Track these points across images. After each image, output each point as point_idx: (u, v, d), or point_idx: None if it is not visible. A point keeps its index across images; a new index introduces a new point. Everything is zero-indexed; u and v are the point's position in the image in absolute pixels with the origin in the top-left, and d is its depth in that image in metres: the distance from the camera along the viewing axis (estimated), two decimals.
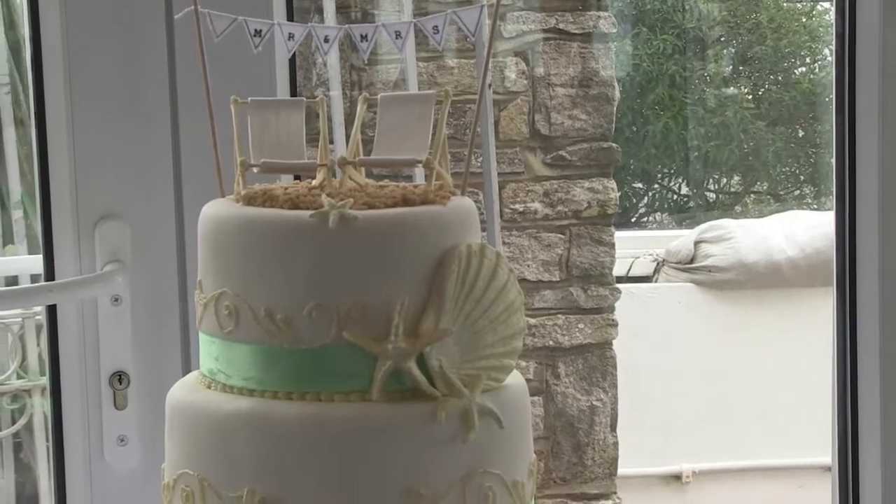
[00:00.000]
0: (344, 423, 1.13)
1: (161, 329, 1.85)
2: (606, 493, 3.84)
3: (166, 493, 1.21)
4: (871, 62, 2.08)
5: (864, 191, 2.14)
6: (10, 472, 2.98)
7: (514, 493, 1.19)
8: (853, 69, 2.10)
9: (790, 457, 4.26)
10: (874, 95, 2.08)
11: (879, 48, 2.05)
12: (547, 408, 3.79)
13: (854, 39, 2.08)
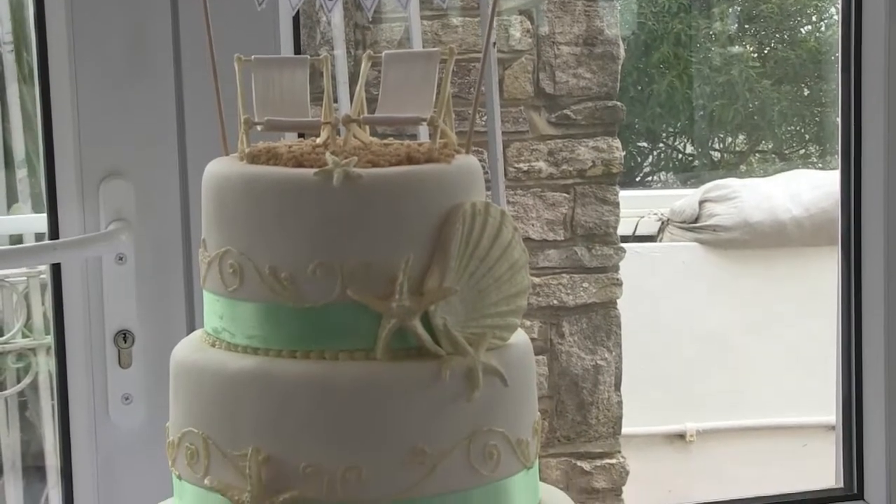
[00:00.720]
0: (348, 381, 1.13)
1: (165, 287, 1.85)
2: (610, 452, 3.84)
3: (171, 452, 1.22)
4: (878, 21, 2.07)
5: (870, 150, 2.13)
6: (16, 431, 2.99)
7: (519, 451, 1.19)
8: (859, 28, 2.10)
9: (794, 416, 4.27)
10: (880, 54, 2.07)
11: (885, 6, 2.04)
12: (551, 367, 3.79)
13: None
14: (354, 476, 1.12)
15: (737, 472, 4.15)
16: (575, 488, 3.77)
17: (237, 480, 1.14)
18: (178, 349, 1.24)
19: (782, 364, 4.33)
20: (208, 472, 1.16)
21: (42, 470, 2.99)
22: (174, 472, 1.22)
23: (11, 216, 3.04)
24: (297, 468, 1.13)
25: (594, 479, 3.82)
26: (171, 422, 1.23)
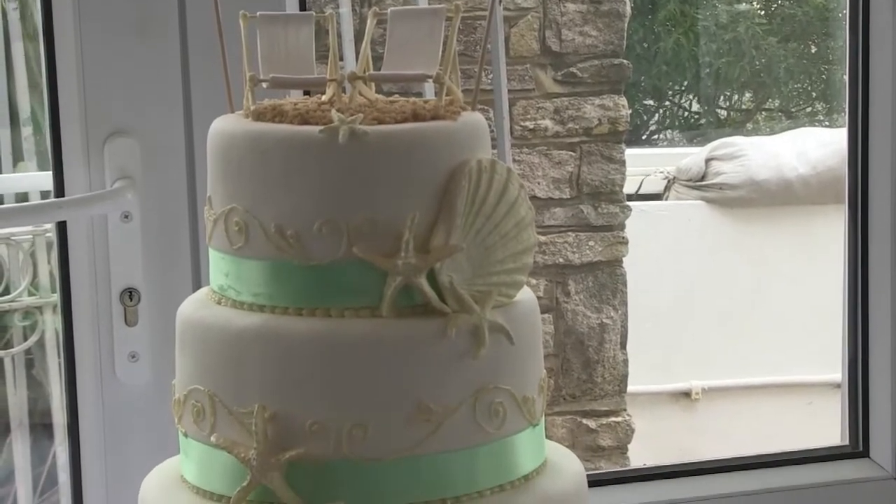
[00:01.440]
0: (354, 338, 1.13)
1: (171, 245, 1.85)
2: (616, 410, 3.85)
3: (177, 409, 1.22)
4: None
5: (877, 107, 2.12)
6: (23, 389, 3.00)
7: (525, 408, 1.19)
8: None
9: (799, 374, 4.28)
10: (888, 11, 2.06)
11: None
12: (557, 325, 3.79)
13: None
14: (360, 433, 1.13)
15: (742, 430, 4.16)
16: (580, 446, 3.78)
17: (243, 438, 1.15)
18: (183, 307, 1.24)
19: (788, 322, 4.33)
20: (214, 430, 1.17)
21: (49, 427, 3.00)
22: (180, 430, 1.22)
23: (17, 174, 3.04)
24: (302, 425, 1.13)
25: (600, 437, 3.83)
26: (177, 379, 1.23)
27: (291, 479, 1.13)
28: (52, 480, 3.07)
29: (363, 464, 1.13)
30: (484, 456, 1.17)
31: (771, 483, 2.16)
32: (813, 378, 4.21)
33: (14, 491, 3.05)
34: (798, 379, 4.27)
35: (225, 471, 1.16)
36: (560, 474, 1.23)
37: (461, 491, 1.16)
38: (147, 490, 1.23)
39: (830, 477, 2.17)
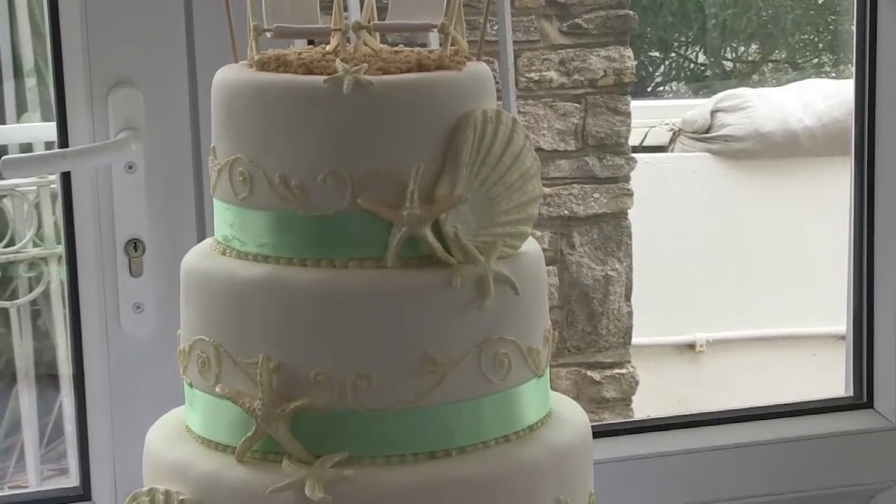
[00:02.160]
0: (358, 289, 1.13)
1: (175, 196, 1.85)
2: (620, 362, 3.85)
3: (182, 360, 1.22)
4: None
5: (884, 59, 2.11)
6: (29, 339, 3.01)
7: (530, 359, 1.19)
8: None
9: (804, 326, 4.28)
10: None
11: None
12: (561, 277, 3.79)
13: None
14: (365, 384, 1.13)
15: (746, 382, 4.16)
16: (585, 398, 3.79)
17: (248, 388, 1.15)
18: (188, 258, 1.23)
19: (793, 275, 4.33)
20: (219, 380, 1.17)
21: (55, 378, 3.01)
22: (185, 380, 1.22)
23: (21, 125, 3.04)
24: (307, 376, 1.13)
25: (604, 389, 3.84)
26: (181, 330, 1.23)
27: (296, 429, 1.14)
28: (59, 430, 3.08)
29: (368, 414, 1.13)
30: (489, 407, 1.17)
31: (775, 434, 2.16)
32: (817, 330, 4.21)
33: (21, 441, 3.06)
34: (802, 331, 4.27)
35: (230, 421, 1.17)
36: (565, 425, 1.23)
37: (466, 442, 1.16)
38: (152, 440, 1.23)
39: (834, 428, 2.18)
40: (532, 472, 1.16)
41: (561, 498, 1.18)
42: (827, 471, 2.15)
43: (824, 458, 2.15)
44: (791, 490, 2.16)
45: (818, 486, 2.16)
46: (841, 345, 2.43)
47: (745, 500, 2.15)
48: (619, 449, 2.13)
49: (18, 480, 3.10)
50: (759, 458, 2.14)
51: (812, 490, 2.15)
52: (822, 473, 2.15)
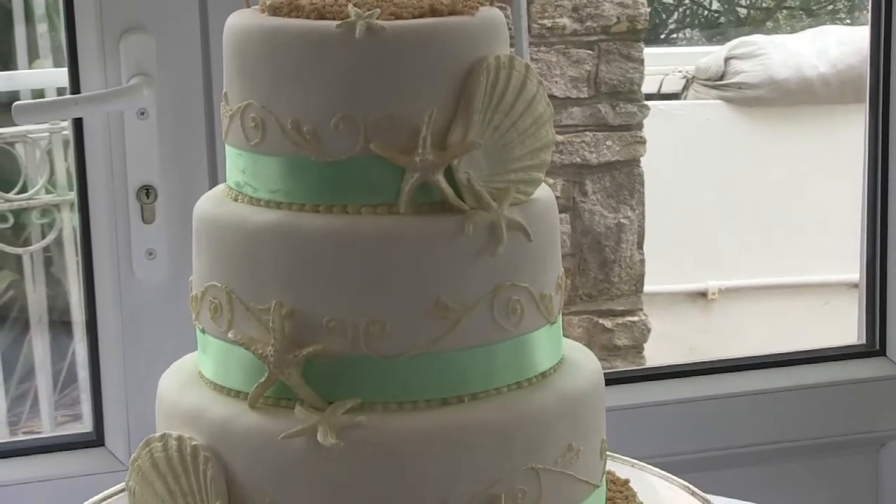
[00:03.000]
0: (371, 235, 1.13)
1: (187, 142, 1.85)
2: (632, 310, 3.85)
3: (194, 306, 1.22)
4: None
5: None
6: (42, 286, 3.01)
7: (542, 305, 1.19)
8: None
9: (816, 273, 4.27)
10: None
11: None
12: (574, 225, 3.79)
13: None
14: (377, 330, 1.13)
15: (758, 330, 4.16)
16: (597, 345, 3.79)
17: (261, 334, 1.15)
18: (200, 204, 1.23)
19: (806, 222, 4.32)
20: (232, 326, 1.17)
21: (68, 325, 3.02)
22: (198, 327, 1.22)
23: (33, 71, 3.03)
24: (320, 322, 1.13)
25: (616, 337, 3.84)
26: (194, 276, 1.23)
27: (309, 375, 1.14)
28: (72, 377, 3.09)
29: (380, 360, 1.13)
30: (501, 353, 1.17)
31: (787, 382, 2.17)
32: (830, 278, 4.21)
33: (35, 387, 3.07)
34: (815, 279, 4.27)
35: (242, 367, 1.17)
36: (577, 372, 1.23)
37: (478, 388, 1.16)
38: (165, 386, 1.24)
39: (847, 375, 2.18)
40: (544, 418, 1.16)
41: (573, 444, 1.18)
42: (839, 418, 2.16)
43: (836, 406, 2.15)
44: (803, 437, 2.16)
45: (830, 433, 2.16)
46: (853, 293, 2.43)
47: (758, 447, 2.16)
48: (631, 396, 2.13)
49: (32, 426, 3.12)
50: (771, 406, 2.15)
51: (824, 437, 2.16)
52: (834, 420, 2.15)
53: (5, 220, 2.92)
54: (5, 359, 3.01)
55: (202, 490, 1.15)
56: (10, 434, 3.04)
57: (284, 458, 1.13)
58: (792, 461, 2.17)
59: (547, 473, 1.16)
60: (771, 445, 2.16)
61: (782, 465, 2.17)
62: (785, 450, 2.16)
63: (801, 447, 2.17)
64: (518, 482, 1.15)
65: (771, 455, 2.16)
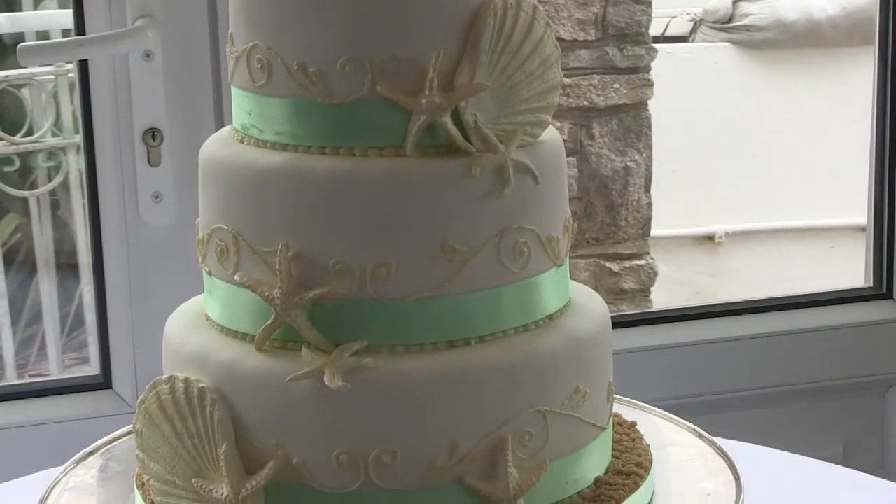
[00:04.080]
0: (377, 177, 1.12)
1: (193, 84, 1.84)
2: (639, 254, 3.85)
3: (200, 248, 1.22)
4: None
5: None
6: (49, 229, 3.01)
7: (549, 248, 1.19)
8: None
9: (823, 217, 4.27)
10: None
11: None
12: (581, 168, 3.78)
13: None
14: (384, 272, 1.12)
15: (765, 273, 4.16)
16: (603, 289, 3.79)
17: (267, 277, 1.15)
18: (206, 146, 1.23)
19: (814, 165, 4.31)
20: (238, 269, 1.17)
21: (75, 268, 3.02)
22: (204, 269, 1.22)
23: (38, 12, 3.02)
24: (326, 264, 1.13)
25: (622, 280, 3.84)
26: (200, 219, 1.23)
27: (315, 318, 1.14)
28: (80, 320, 3.10)
29: (387, 303, 1.13)
30: (508, 296, 1.17)
31: (793, 325, 2.17)
32: (837, 221, 4.20)
33: (42, 330, 3.08)
34: (822, 222, 4.26)
35: (249, 309, 1.17)
36: (584, 314, 1.23)
37: (485, 331, 1.16)
38: (172, 329, 1.24)
39: (853, 318, 2.18)
40: (551, 360, 1.16)
41: (580, 387, 1.18)
42: (846, 361, 2.16)
43: (843, 349, 2.16)
44: (809, 380, 2.17)
45: (837, 376, 2.16)
46: (860, 236, 2.42)
47: (764, 389, 2.16)
48: (638, 339, 2.13)
49: (41, 369, 3.13)
50: (778, 349, 2.15)
51: (830, 380, 2.16)
52: (841, 363, 2.16)
53: (11, 164, 2.92)
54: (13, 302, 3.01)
55: (209, 432, 1.15)
56: (17, 377, 3.05)
57: (291, 401, 1.13)
58: (798, 404, 2.18)
59: (554, 416, 1.16)
60: (777, 388, 2.16)
61: (789, 407, 2.17)
62: (791, 392, 2.16)
63: (807, 390, 2.17)
64: (525, 424, 1.15)
65: (777, 398, 2.17)
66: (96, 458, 1.37)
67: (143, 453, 1.20)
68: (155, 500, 1.20)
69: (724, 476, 1.29)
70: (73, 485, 1.31)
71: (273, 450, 1.14)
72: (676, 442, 1.37)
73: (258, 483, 1.13)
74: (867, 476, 1.56)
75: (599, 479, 1.22)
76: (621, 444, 1.29)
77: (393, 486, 1.13)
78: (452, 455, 1.13)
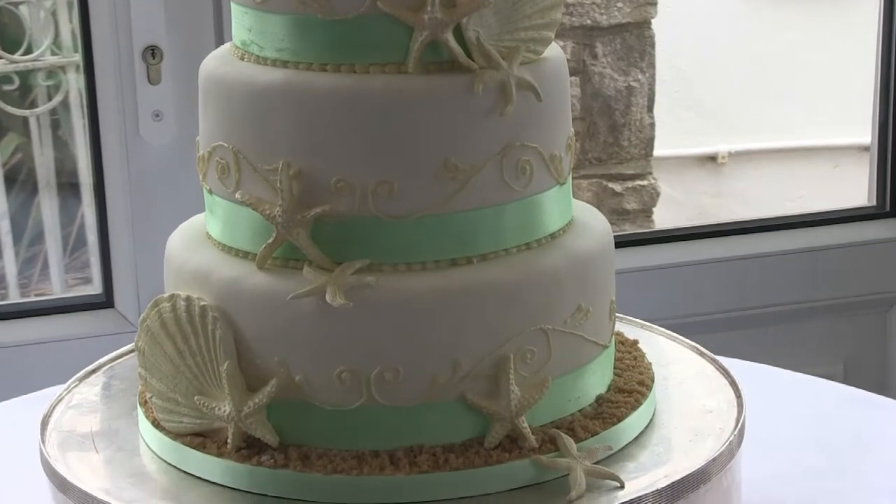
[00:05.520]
0: (379, 94, 1.12)
1: (193, 0, 1.82)
2: (642, 174, 3.84)
3: (201, 166, 1.21)
4: None
5: None
6: (49, 149, 3.00)
7: (552, 166, 1.18)
8: None
9: (827, 137, 4.25)
10: None
11: None
12: (584, 88, 3.76)
13: None
14: (386, 190, 1.12)
15: (768, 194, 4.16)
16: (606, 209, 3.79)
17: (268, 195, 1.14)
18: (206, 63, 1.22)
19: (817, 85, 4.30)
20: (239, 187, 1.16)
21: (76, 187, 3.02)
22: (205, 187, 1.22)
23: None
24: (327, 182, 1.12)
25: (625, 201, 3.83)
26: (200, 136, 1.22)
27: (317, 236, 1.13)
28: (82, 240, 3.10)
29: (389, 221, 1.13)
30: (510, 214, 1.16)
31: (797, 244, 2.17)
32: (840, 141, 4.19)
33: (44, 250, 3.08)
34: (825, 142, 4.25)
35: (250, 228, 1.16)
36: (587, 232, 1.23)
37: (487, 249, 1.16)
38: (173, 247, 1.23)
39: (857, 237, 2.18)
40: (553, 278, 1.16)
41: (582, 305, 1.18)
42: (848, 280, 2.16)
43: (845, 268, 2.15)
44: (812, 299, 2.17)
45: (839, 295, 2.16)
46: (863, 156, 2.41)
47: (766, 309, 2.16)
48: (640, 259, 2.13)
49: (43, 289, 3.13)
50: (780, 268, 2.15)
51: (833, 299, 2.16)
52: (843, 282, 2.16)
53: (11, 82, 2.90)
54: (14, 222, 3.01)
55: (211, 350, 1.15)
56: (21, 297, 3.05)
57: (293, 319, 1.13)
58: (801, 323, 2.18)
59: (556, 334, 1.16)
60: (779, 307, 2.16)
61: (791, 326, 2.17)
62: (794, 311, 2.17)
63: (809, 309, 2.17)
64: (527, 342, 1.15)
65: (779, 317, 2.17)
66: (99, 377, 1.38)
67: (146, 371, 1.20)
68: (158, 417, 1.20)
69: (726, 394, 1.29)
70: (75, 403, 1.32)
71: (275, 368, 1.14)
72: (678, 360, 1.38)
73: (260, 401, 1.13)
74: (867, 393, 1.57)
75: (601, 396, 1.23)
76: (623, 363, 1.29)
77: (395, 403, 1.13)
78: (454, 373, 1.13)
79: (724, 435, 1.21)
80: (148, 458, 1.21)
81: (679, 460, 1.17)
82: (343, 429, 1.14)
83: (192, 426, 1.18)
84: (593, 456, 1.15)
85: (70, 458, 1.21)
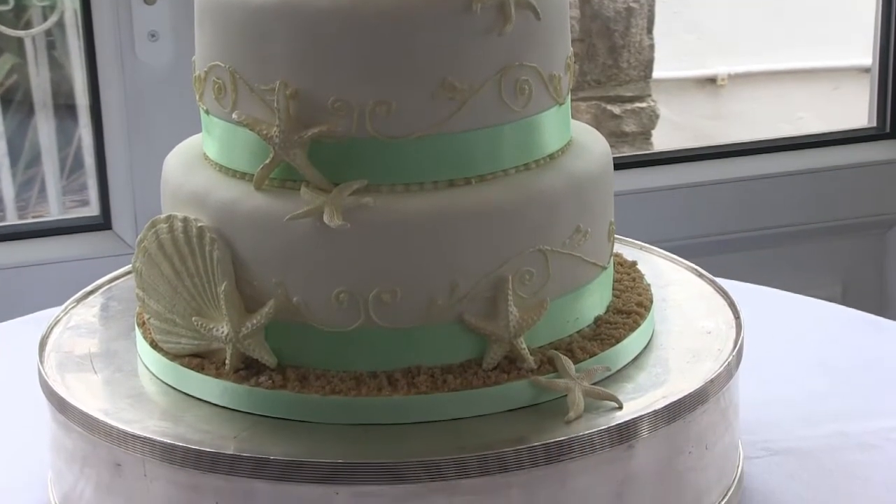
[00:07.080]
0: (376, 12, 1.10)
1: None
2: (641, 96, 3.83)
3: (198, 86, 1.20)
4: None
5: None
6: (45, 70, 2.98)
7: (551, 86, 1.17)
8: None
9: (827, 58, 4.24)
10: None
11: None
12: (583, 10, 3.74)
13: None
14: (384, 110, 1.11)
15: (768, 116, 4.15)
16: (604, 131, 3.77)
17: (265, 115, 1.13)
18: None
19: (816, 7, 4.27)
20: (236, 107, 1.15)
21: (73, 109, 3.00)
22: (202, 108, 1.21)
23: None
24: (325, 102, 1.12)
25: (624, 123, 3.82)
26: (196, 56, 1.21)
27: (314, 157, 1.13)
28: (79, 163, 3.09)
29: (386, 142, 1.12)
30: (509, 134, 1.16)
31: (797, 165, 2.16)
32: (840, 63, 4.17)
33: (42, 172, 3.07)
34: (825, 64, 4.23)
35: (247, 148, 1.16)
36: (586, 153, 1.22)
37: (486, 170, 1.15)
38: (170, 168, 1.23)
39: (857, 158, 2.17)
40: (551, 199, 1.16)
41: (581, 226, 1.18)
42: (847, 201, 2.16)
43: (845, 189, 2.15)
44: (811, 220, 2.17)
45: (840, 215, 2.16)
46: (864, 78, 2.40)
47: (766, 230, 2.16)
48: (639, 181, 2.13)
49: (41, 211, 3.13)
50: (780, 189, 2.14)
51: (832, 220, 2.16)
52: (844, 203, 2.15)
53: (5, 3, 2.88)
54: (11, 144, 3.00)
55: (208, 271, 1.15)
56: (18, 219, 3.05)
57: (290, 240, 1.12)
58: (800, 244, 2.18)
59: (555, 255, 1.16)
60: (779, 229, 2.16)
61: (790, 248, 2.17)
62: (793, 233, 2.16)
63: (809, 230, 2.17)
64: (526, 264, 1.14)
65: (779, 238, 2.17)
66: (97, 298, 1.38)
67: (143, 292, 1.20)
68: (155, 338, 1.20)
69: (724, 315, 1.29)
70: (73, 324, 1.32)
71: (273, 289, 1.14)
72: (677, 281, 1.38)
73: (258, 322, 1.13)
74: (865, 314, 1.57)
75: (600, 318, 1.23)
76: (622, 284, 1.29)
77: (393, 324, 1.13)
78: (453, 294, 1.13)
79: (723, 356, 1.21)
80: (146, 378, 1.21)
81: (677, 381, 1.17)
82: (341, 350, 1.14)
83: (190, 347, 1.18)
84: (591, 377, 1.15)
85: (69, 379, 1.21)
